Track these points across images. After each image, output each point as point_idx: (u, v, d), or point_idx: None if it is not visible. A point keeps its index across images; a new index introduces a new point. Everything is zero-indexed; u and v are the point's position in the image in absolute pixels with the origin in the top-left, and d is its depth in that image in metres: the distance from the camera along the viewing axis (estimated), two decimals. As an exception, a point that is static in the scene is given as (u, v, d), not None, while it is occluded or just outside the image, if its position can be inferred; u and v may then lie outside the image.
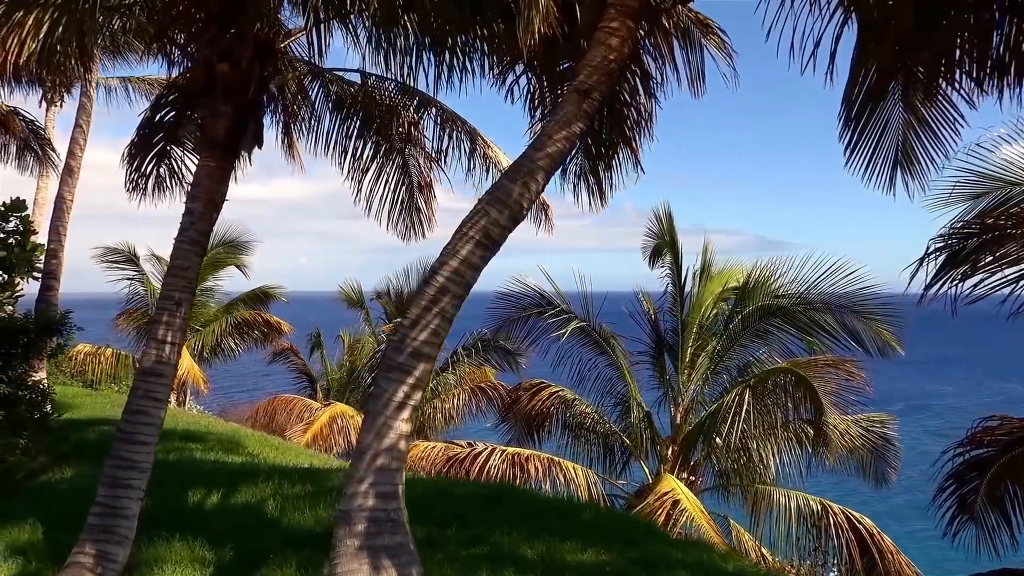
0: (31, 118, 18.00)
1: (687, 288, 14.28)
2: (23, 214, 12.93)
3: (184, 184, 9.76)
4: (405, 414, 4.73)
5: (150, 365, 6.66)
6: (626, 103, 5.97)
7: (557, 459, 13.70)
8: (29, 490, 9.43)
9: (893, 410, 15.82)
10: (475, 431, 19.75)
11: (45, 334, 10.76)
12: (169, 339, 6.72)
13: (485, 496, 8.02)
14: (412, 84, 8.73)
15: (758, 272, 13.86)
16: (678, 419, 13.96)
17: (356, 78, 9.26)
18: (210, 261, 20.78)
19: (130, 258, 20.47)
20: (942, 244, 7.37)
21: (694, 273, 14.55)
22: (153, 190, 9.82)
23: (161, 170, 9.82)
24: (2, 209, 12.70)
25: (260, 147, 7.54)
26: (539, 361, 20.63)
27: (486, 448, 13.67)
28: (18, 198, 13.30)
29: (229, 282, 22.40)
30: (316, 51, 7.74)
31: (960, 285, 7.28)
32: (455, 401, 18.87)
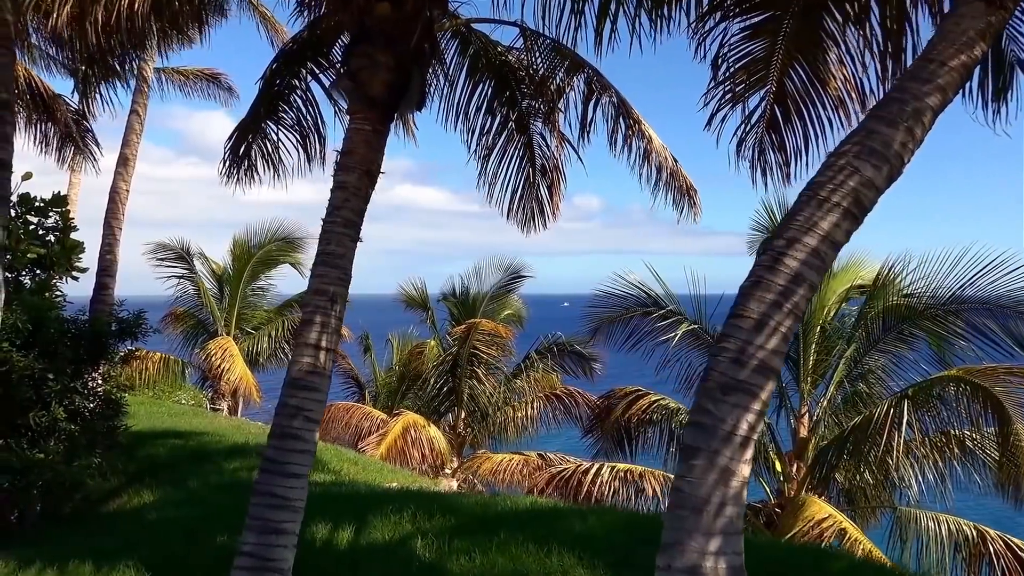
0: (75, 107, 16.70)
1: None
2: (63, 209, 11.77)
3: (276, 166, 8.80)
4: (749, 452, 3.37)
5: (302, 376, 5.31)
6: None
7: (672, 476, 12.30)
8: (111, 519, 8.12)
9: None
10: (542, 442, 18.39)
11: (121, 338, 9.45)
12: (324, 344, 5.38)
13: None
14: (569, 43, 7.36)
15: (889, 269, 12.45)
16: (802, 432, 12.55)
17: (498, 36, 7.90)
18: (262, 258, 19.45)
19: (181, 255, 19.14)
20: None
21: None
22: (245, 175, 8.84)
23: (252, 152, 8.71)
24: (41, 204, 11.61)
25: (421, 108, 6.19)
26: (615, 367, 19.25)
27: (593, 465, 12.28)
28: (58, 193, 12.19)
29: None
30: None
31: None
32: (528, 409, 17.44)
